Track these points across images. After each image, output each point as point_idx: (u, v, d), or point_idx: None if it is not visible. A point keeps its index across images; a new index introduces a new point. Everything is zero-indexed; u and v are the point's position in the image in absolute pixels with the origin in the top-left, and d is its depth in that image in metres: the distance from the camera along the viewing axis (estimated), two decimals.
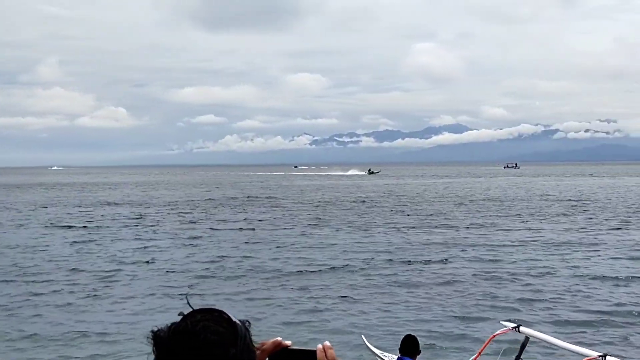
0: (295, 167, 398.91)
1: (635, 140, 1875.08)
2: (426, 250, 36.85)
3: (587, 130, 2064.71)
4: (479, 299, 24.04)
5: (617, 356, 9.28)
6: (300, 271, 30.40)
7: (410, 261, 32.66)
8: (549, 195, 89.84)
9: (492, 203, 74.60)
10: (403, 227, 49.28)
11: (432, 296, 24.74)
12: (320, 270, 30.43)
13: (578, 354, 9.37)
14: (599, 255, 34.95)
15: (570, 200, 79.13)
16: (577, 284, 26.78)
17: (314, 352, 2.68)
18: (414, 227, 49.12)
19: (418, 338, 10.85)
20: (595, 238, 42.14)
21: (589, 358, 9.00)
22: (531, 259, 33.41)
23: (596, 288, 26.11)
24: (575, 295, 24.79)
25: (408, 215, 59.87)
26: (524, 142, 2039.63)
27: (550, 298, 24.26)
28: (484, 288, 25.99)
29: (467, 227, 48.79)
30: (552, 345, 10.10)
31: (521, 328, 10.21)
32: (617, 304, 23.29)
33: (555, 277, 28.36)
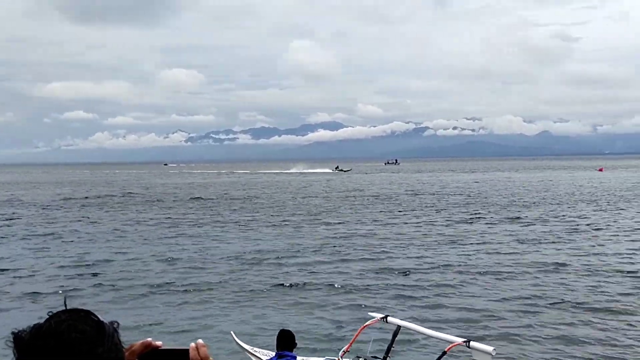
0: (166, 164, 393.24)
1: (499, 137, 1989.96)
2: (297, 248, 34.92)
3: (455, 128, 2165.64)
4: (352, 293, 23.68)
5: (479, 340, 9.63)
6: (177, 269, 28.98)
7: (282, 259, 30.85)
8: (425, 189, 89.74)
9: (376, 199, 73.90)
10: (285, 224, 47.02)
11: (303, 292, 23.94)
12: (190, 268, 29.17)
13: (443, 340, 9.75)
14: (483, 249, 33.62)
15: (451, 195, 78.97)
16: (452, 277, 26.39)
17: (186, 351, 2.65)
18: (291, 224, 46.71)
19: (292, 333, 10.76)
20: (483, 232, 40.96)
21: (453, 344, 9.36)
22: (408, 256, 31.92)
23: (467, 281, 25.57)
24: (446, 287, 24.54)
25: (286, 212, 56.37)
26: (397, 139, 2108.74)
27: (423, 290, 24.02)
28: (357, 282, 25.55)
29: (357, 222, 47.38)
30: (419, 333, 10.28)
31: (389, 318, 10.51)
32: (482, 296, 23.10)
33: (427, 271, 27.89)
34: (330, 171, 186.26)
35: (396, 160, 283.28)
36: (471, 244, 35.62)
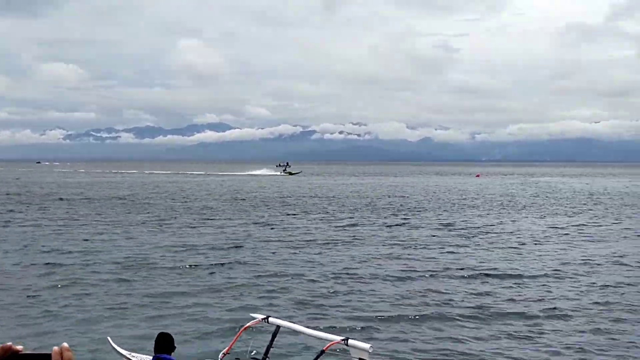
0: (38, 162, 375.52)
1: (384, 142, 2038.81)
2: (180, 250, 34.10)
3: (341, 132, 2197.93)
4: (234, 295, 23.49)
5: (358, 339, 9.78)
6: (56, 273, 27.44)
7: (163, 263, 29.91)
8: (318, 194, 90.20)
9: (277, 201, 72.99)
10: (178, 227, 45.73)
11: (184, 296, 23.17)
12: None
13: (323, 339, 9.99)
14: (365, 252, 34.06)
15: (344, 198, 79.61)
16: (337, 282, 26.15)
17: (48, 356, 2.52)
18: (172, 225, 45.73)
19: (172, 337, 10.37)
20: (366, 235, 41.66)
21: (332, 342, 9.56)
22: (286, 258, 31.81)
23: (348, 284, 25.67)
24: (331, 288, 24.64)
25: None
26: (284, 142, 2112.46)
27: (308, 292, 24.04)
28: (240, 283, 25.50)
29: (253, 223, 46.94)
30: (300, 333, 10.59)
31: (270, 319, 10.69)
32: (365, 297, 23.32)
33: (313, 273, 27.72)
34: (278, 174, 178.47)
35: (287, 164, 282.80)
36: (357, 246, 36.24)
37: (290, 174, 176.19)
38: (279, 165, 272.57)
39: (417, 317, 20.75)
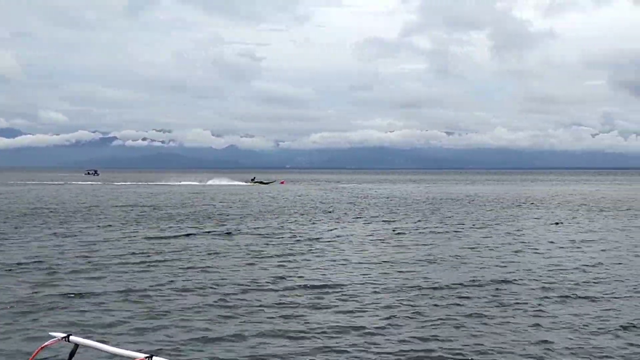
0: None
1: (189, 149, 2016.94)
2: None
3: (144, 139, 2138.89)
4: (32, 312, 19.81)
5: (164, 355, 9.41)
6: None
7: None
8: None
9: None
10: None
11: None
12: None
13: (126, 357, 8.29)
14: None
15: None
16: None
17: None
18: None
19: None
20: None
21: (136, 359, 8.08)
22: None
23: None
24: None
25: None
26: (82, 149, 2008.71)
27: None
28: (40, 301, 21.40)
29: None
30: (102, 351, 8.53)
31: (71, 337, 8.69)
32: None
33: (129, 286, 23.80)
34: (245, 183, 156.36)
35: (96, 171, 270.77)
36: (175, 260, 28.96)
37: (262, 183, 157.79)
38: (87, 173, 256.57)
39: (236, 333, 17.69)
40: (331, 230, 45.78)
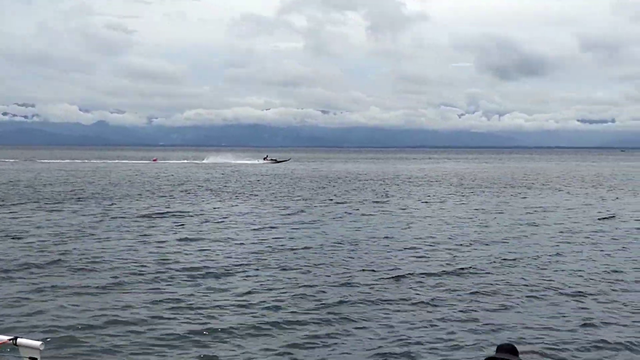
0: None
1: (55, 125, 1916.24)
2: None
3: (5, 114, 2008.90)
4: None
5: (28, 337, 8.07)
6: None
7: None
8: None
9: None
10: None
11: None
12: None
13: None
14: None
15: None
16: None
17: None
18: None
19: None
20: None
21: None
22: None
23: None
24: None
25: None
26: None
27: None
28: None
29: None
30: None
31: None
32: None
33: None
34: (258, 162, 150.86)
35: None
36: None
37: (275, 161, 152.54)
38: None
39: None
40: (217, 209, 45.86)
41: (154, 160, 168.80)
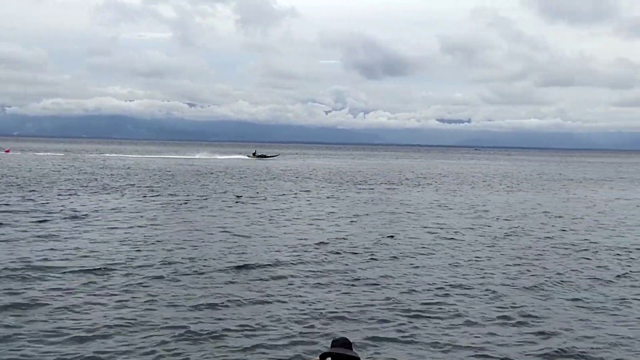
0: None
1: None
2: None
3: None
4: None
5: None
6: None
7: None
8: None
9: None
10: None
11: None
12: None
13: None
14: None
15: None
16: None
17: None
18: None
19: None
20: None
21: None
22: None
23: None
24: None
25: None
26: None
27: None
28: None
29: None
30: None
31: None
32: None
33: None
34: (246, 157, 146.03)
35: None
36: None
37: (263, 157, 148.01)
38: None
39: None
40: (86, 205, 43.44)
41: (7, 151, 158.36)
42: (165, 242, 28.63)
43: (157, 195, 51.52)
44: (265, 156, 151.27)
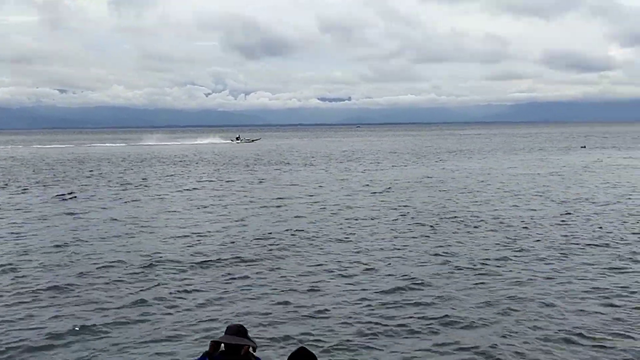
0: None
1: None
2: None
3: None
4: None
5: None
6: None
7: None
8: None
9: None
10: None
11: None
12: None
13: None
14: None
15: None
16: None
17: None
18: None
19: None
20: None
21: None
22: None
23: None
24: None
25: None
26: None
27: None
28: None
29: None
30: None
31: None
32: None
33: None
34: (227, 142, 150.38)
35: None
36: None
37: (248, 141, 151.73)
38: None
39: None
40: None
41: None
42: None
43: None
44: (252, 140, 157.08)
